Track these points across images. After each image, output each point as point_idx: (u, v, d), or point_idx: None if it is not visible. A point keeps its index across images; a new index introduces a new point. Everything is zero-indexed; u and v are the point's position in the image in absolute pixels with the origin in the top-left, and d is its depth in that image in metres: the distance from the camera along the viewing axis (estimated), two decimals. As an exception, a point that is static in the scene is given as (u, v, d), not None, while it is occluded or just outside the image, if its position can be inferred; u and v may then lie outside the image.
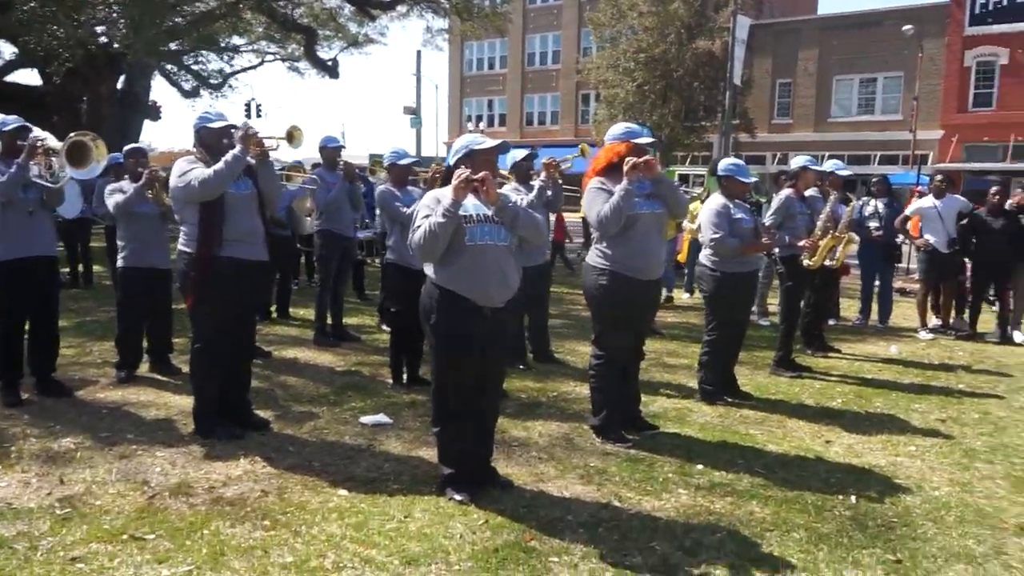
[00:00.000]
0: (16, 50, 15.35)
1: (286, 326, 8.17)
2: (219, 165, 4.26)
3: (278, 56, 25.52)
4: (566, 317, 8.76)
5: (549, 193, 6.16)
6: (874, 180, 9.13)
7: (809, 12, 40.98)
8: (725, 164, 5.48)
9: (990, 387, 6.07)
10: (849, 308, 9.33)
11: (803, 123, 32.79)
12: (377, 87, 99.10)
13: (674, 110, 30.00)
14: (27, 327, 5.30)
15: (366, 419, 4.93)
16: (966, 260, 8.28)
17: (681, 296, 10.53)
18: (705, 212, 5.38)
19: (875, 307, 8.81)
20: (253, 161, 4.46)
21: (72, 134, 4.81)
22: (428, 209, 3.57)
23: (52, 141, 4.89)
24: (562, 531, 3.42)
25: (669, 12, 28.64)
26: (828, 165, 6.94)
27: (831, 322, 8.73)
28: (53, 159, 4.84)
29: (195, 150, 4.52)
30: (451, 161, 3.74)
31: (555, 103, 38.71)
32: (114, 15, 11.77)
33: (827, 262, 6.80)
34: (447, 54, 37.55)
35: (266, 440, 4.54)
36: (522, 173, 6.46)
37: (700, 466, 4.19)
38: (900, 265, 10.10)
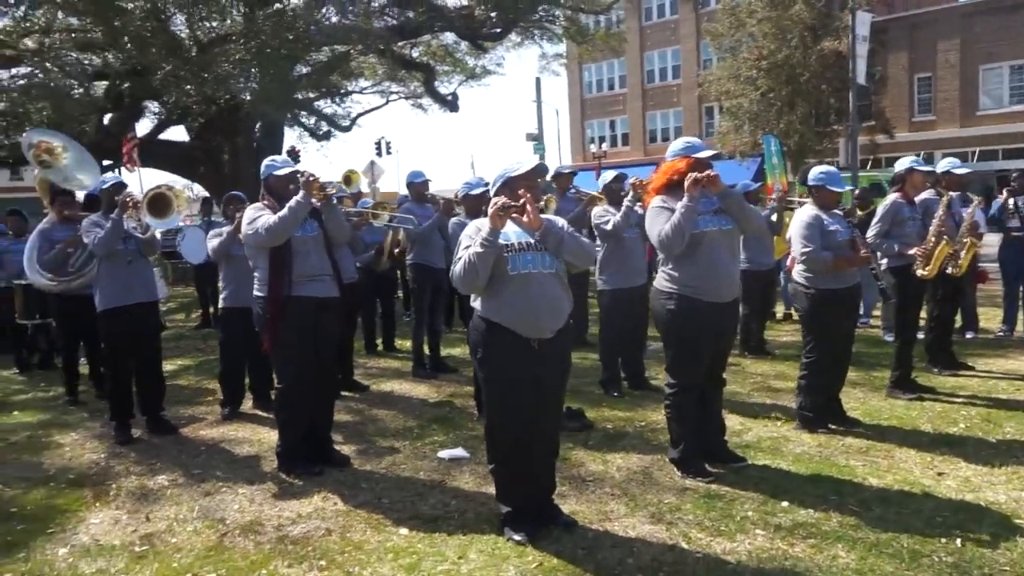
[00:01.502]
0: (159, 108, 16.68)
1: (390, 359, 8.32)
2: (283, 211, 4.38)
3: (401, 95, 26.50)
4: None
5: (640, 211, 5.96)
6: (1013, 176, 8.30)
7: (949, 0, 38.35)
8: (816, 173, 5.10)
9: None
10: (992, 319, 8.47)
11: (947, 119, 30.49)
12: (500, 115, 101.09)
13: (802, 116, 28.70)
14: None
15: (444, 453, 4.89)
16: None
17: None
18: (795, 225, 5.01)
19: (1022, 316, 7.96)
20: (318, 204, 4.56)
21: (152, 187, 5.11)
22: (469, 239, 3.50)
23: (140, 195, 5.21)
24: (618, 574, 3.23)
25: (790, 16, 27.55)
26: (943, 164, 6.34)
27: (968, 335, 7.96)
28: (141, 212, 5.15)
29: (264, 198, 4.68)
30: (492, 192, 3.66)
31: (678, 118, 37.94)
32: (236, 71, 12.53)
33: (949, 270, 6.20)
34: (566, 78, 37.77)
35: (343, 477, 4.58)
36: (613, 194, 6.34)
37: (785, 503, 3.86)
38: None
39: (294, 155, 25.49)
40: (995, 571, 3.12)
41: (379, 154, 36.14)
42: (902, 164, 5.96)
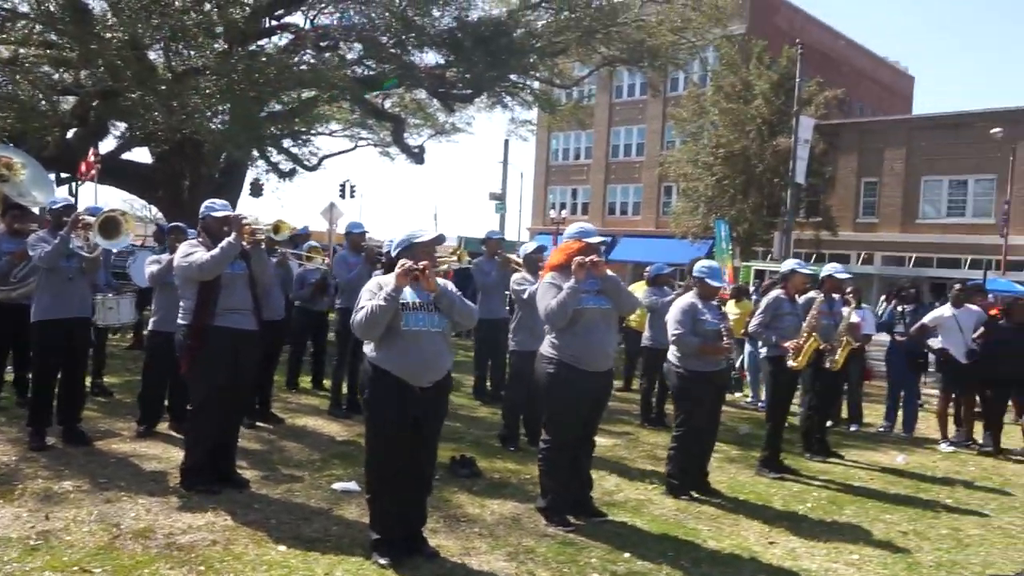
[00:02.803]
0: (124, 129, 17.03)
1: (313, 396, 8.67)
2: (215, 251, 4.83)
3: (370, 141, 27.16)
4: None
5: None
6: (905, 284, 9.09)
7: (904, 112, 40.71)
8: (699, 266, 5.73)
9: (980, 504, 5.91)
10: (879, 414, 9.15)
11: (889, 223, 32.10)
12: (467, 171, 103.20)
13: (753, 205, 30.09)
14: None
15: (337, 485, 5.28)
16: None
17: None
18: (672, 309, 5.61)
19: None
20: (247, 246, 5.02)
21: (105, 210, 5.54)
22: (370, 294, 4.00)
23: (90, 218, 5.63)
24: (461, 601, 3.66)
25: (749, 110, 29.10)
26: (827, 268, 7.05)
27: (852, 428, 8.63)
28: (91, 233, 5.55)
29: (200, 234, 5.13)
30: (393, 252, 4.17)
31: (637, 194, 39.27)
32: (204, 105, 12.98)
33: (827, 364, 6.87)
34: (533, 143, 38.93)
35: (240, 497, 4.94)
36: (532, 263, 6.89)
37: (627, 555, 4.34)
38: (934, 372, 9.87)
39: (257, 188, 25.87)
40: (782, 624, 3.63)
41: (342, 196, 36.60)
42: (786, 265, 6.65)
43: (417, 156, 25.17)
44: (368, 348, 4.10)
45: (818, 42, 37.45)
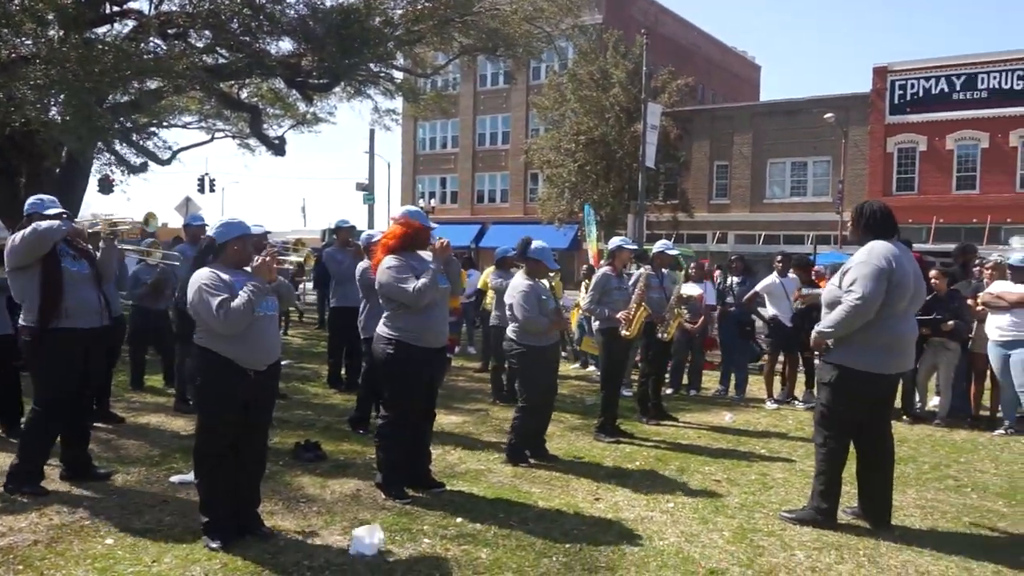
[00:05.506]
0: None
1: (160, 395, 8.42)
2: (26, 231, 4.69)
3: (227, 133, 26.22)
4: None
5: None
6: (732, 258, 9.79)
7: (752, 99, 43.14)
8: (534, 247, 5.99)
9: (789, 452, 6.53)
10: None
11: (740, 203, 34.07)
12: (334, 161, 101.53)
13: (614, 189, 31.17)
14: None
15: (175, 478, 5.25)
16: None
17: (567, 367, 10.98)
18: (515, 293, 5.83)
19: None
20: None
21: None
22: (215, 288, 3.95)
23: None
24: (291, 573, 3.78)
25: (608, 97, 30.08)
26: (657, 245, 7.54)
27: (691, 392, 9.25)
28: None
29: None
30: (222, 240, 4.19)
31: (504, 181, 39.90)
32: (34, 96, 12.24)
33: (659, 335, 7.36)
34: (400, 133, 38.81)
35: (68, 496, 4.83)
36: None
37: (459, 519, 4.56)
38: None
39: (107, 184, 24.52)
40: (594, 566, 3.95)
41: (201, 191, 35.25)
42: (613, 242, 7.06)
43: (277, 147, 24.47)
44: (198, 335, 4.10)
45: (672, 33, 39.18)
